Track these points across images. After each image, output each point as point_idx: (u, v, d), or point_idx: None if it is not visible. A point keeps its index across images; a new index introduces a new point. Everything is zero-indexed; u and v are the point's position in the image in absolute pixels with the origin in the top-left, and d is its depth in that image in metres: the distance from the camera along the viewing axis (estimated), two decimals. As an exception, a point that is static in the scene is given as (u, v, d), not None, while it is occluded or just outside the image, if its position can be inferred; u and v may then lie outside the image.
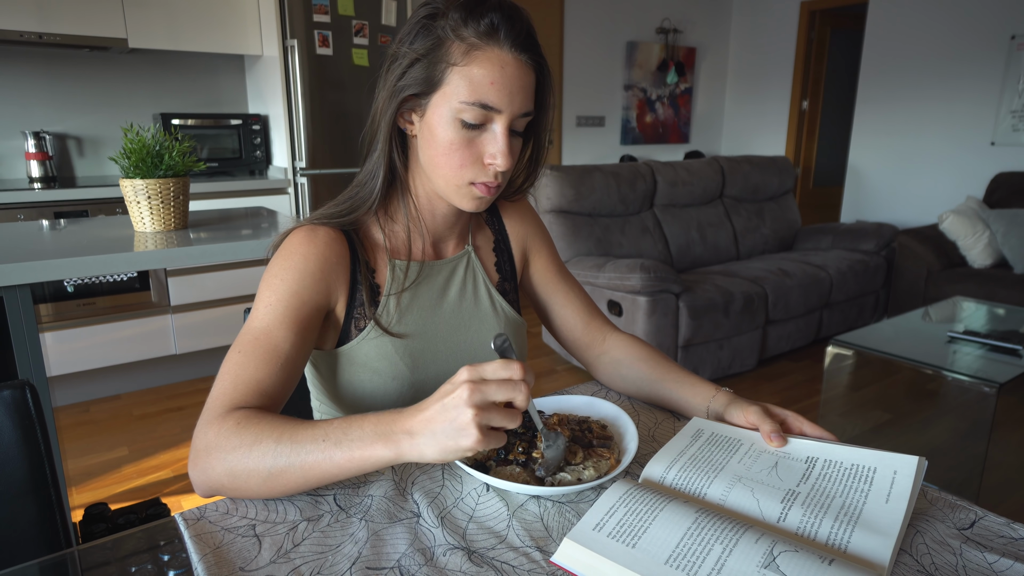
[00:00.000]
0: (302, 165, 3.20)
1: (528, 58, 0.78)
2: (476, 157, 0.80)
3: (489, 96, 0.76)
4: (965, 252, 3.65)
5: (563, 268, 1.07)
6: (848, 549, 0.59)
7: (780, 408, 0.82)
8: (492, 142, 0.79)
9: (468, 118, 0.77)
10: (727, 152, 5.90)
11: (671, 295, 2.82)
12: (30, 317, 1.42)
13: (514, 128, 0.80)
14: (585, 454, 0.75)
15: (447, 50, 0.76)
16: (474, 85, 0.76)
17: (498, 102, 0.77)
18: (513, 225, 1.03)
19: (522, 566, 0.60)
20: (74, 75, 3.10)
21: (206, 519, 0.67)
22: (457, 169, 0.80)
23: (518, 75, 0.77)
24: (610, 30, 5.00)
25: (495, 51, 0.76)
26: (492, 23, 0.75)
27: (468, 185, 0.82)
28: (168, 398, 2.89)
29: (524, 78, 0.78)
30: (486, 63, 0.76)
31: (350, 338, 0.86)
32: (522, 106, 0.79)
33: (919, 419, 2.82)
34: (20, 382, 0.81)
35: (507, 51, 0.76)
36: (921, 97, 4.45)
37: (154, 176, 1.66)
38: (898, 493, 0.64)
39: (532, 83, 0.80)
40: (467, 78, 0.76)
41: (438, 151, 0.80)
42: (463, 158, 0.79)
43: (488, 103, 0.76)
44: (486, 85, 0.76)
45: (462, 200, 0.84)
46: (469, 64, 0.76)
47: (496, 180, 0.82)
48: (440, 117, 0.78)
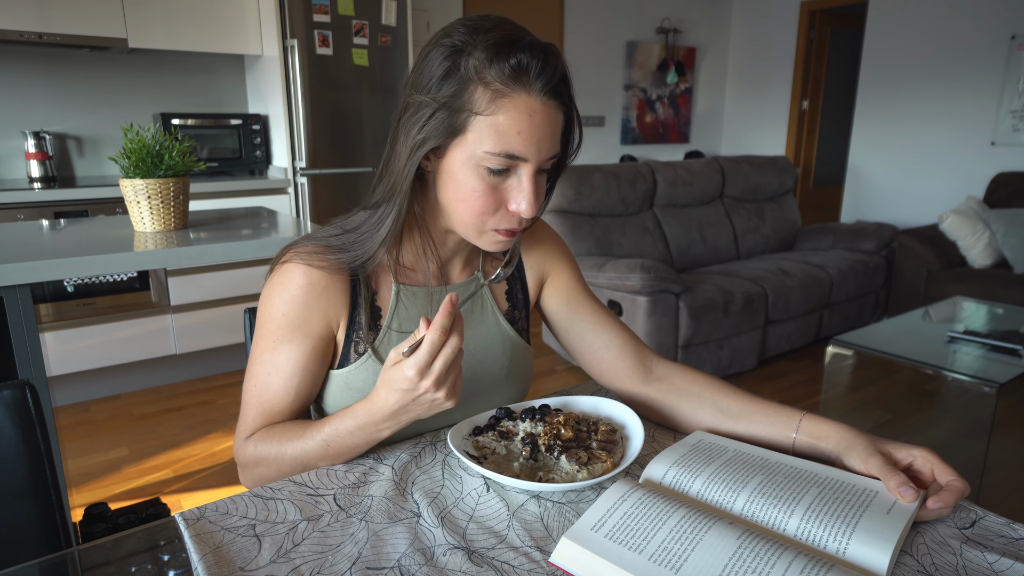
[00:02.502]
0: (302, 165, 3.20)
1: (558, 103, 0.73)
2: (500, 203, 0.75)
3: (515, 146, 0.71)
4: (965, 252, 3.65)
5: (589, 291, 0.99)
6: (846, 555, 0.58)
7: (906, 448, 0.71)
8: (518, 189, 0.75)
9: (493, 166, 0.73)
10: (727, 152, 5.90)
11: (671, 295, 2.82)
12: (30, 317, 1.42)
13: (540, 168, 0.76)
14: (588, 456, 0.75)
15: (471, 96, 0.70)
16: (500, 135, 0.71)
17: (525, 151, 0.72)
18: (529, 250, 0.96)
19: (522, 566, 0.60)
20: (74, 75, 3.10)
21: (206, 519, 0.67)
22: (479, 216, 0.76)
23: (546, 122, 0.72)
24: (610, 30, 5.00)
25: (523, 97, 0.70)
26: (520, 64, 0.69)
27: (491, 231, 0.78)
28: (168, 398, 2.89)
29: (552, 124, 0.73)
30: (513, 111, 0.70)
31: (349, 362, 0.84)
32: (549, 151, 0.74)
33: (919, 419, 2.82)
34: (20, 382, 0.81)
35: (536, 97, 0.71)
36: (921, 97, 4.45)
37: (154, 176, 1.66)
38: (900, 509, 0.63)
39: (560, 126, 0.75)
40: (492, 127, 0.71)
41: (458, 196, 0.76)
42: (486, 205, 0.75)
43: (514, 153, 0.72)
44: (512, 135, 0.71)
45: (483, 242, 0.80)
46: (495, 113, 0.70)
47: (520, 225, 0.78)
48: (462, 164, 0.74)
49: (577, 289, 0.97)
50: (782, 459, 0.74)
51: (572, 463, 0.74)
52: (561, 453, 0.76)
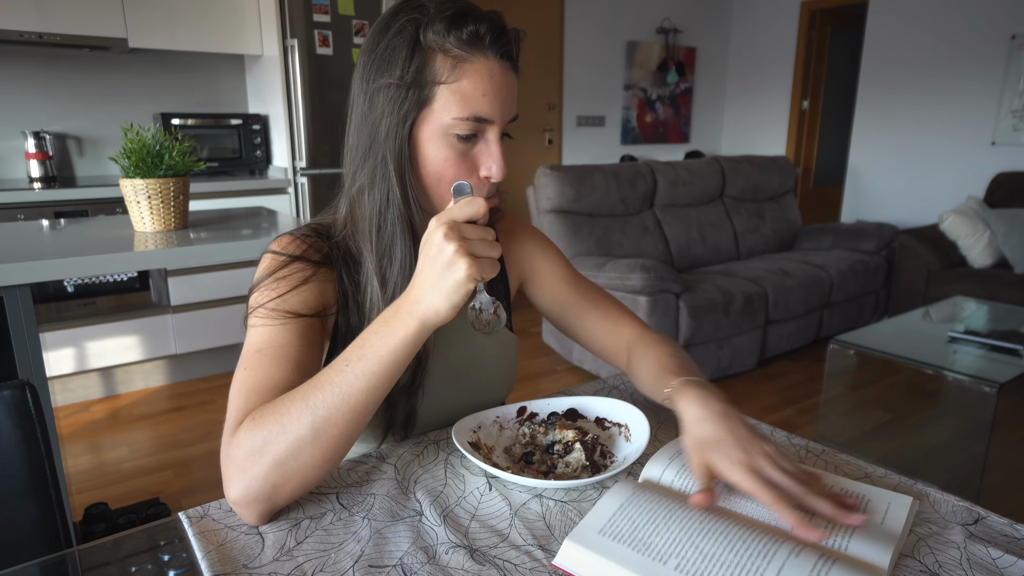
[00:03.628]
0: (302, 165, 3.20)
1: (511, 65, 0.76)
2: (471, 169, 0.76)
3: (482, 108, 0.73)
4: (965, 252, 3.65)
5: (577, 279, 0.99)
6: (848, 551, 0.58)
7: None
8: (486, 154, 0.76)
9: (461, 131, 0.74)
10: (727, 152, 5.91)
11: (671, 295, 2.82)
12: (30, 317, 1.41)
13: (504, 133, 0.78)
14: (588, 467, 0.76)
15: (433, 67, 0.72)
16: (465, 99, 0.72)
17: (491, 113, 0.74)
18: (512, 248, 0.97)
19: (524, 564, 0.60)
20: (74, 75, 3.09)
21: (209, 517, 0.67)
22: (450, 184, 0.76)
23: (505, 83, 0.75)
24: (610, 30, 5.00)
25: (482, 61, 0.73)
26: (478, 32, 0.72)
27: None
28: (168, 398, 2.89)
29: (511, 85, 0.76)
30: (475, 75, 0.72)
31: (337, 349, 0.81)
32: (510, 112, 0.77)
33: (919, 419, 2.82)
34: (20, 382, 0.81)
35: (494, 59, 0.74)
36: (921, 97, 4.45)
37: (154, 176, 1.66)
38: (894, 515, 0.64)
39: (516, 87, 0.78)
40: (457, 93, 0.72)
41: (428, 168, 0.76)
42: (457, 172, 0.76)
43: (482, 115, 0.73)
44: (478, 97, 0.73)
45: None
46: (459, 79, 0.72)
47: (491, 192, 0.79)
48: (430, 136, 0.74)
49: (562, 283, 0.97)
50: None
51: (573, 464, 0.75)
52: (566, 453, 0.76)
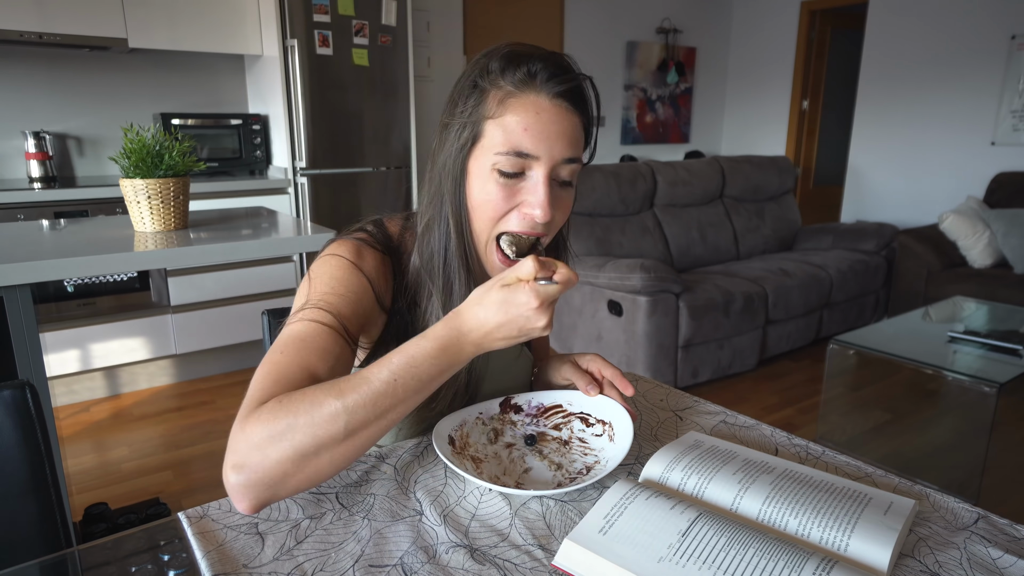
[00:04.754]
0: (302, 165, 3.20)
1: (570, 105, 0.73)
2: (513, 207, 0.74)
3: (523, 143, 0.71)
4: (965, 252, 3.65)
5: None
6: (848, 552, 0.58)
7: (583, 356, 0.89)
8: (531, 191, 0.73)
9: (505, 167, 0.72)
10: (727, 152, 5.91)
11: (671, 295, 2.82)
12: (30, 317, 1.41)
13: (558, 177, 0.75)
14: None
15: (485, 103, 0.73)
16: (507, 133, 0.72)
17: (533, 148, 0.72)
18: None
19: (524, 564, 0.60)
20: (74, 75, 3.09)
21: (209, 517, 0.67)
22: (490, 220, 0.75)
23: (555, 120, 0.72)
24: (610, 30, 5.00)
25: (531, 97, 0.72)
26: (531, 71, 0.72)
27: (495, 240, 0.76)
28: (168, 398, 2.89)
29: (564, 122, 0.73)
30: (520, 109, 0.72)
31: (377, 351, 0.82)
32: (564, 151, 0.73)
33: (919, 419, 2.82)
34: (20, 382, 0.81)
35: (544, 97, 0.72)
36: (921, 97, 4.45)
37: (154, 176, 1.66)
38: (895, 512, 0.63)
39: (576, 128, 0.74)
40: (500, 126, 0.72)
41: (475, 204, 0.75)
42: (497, 208, 0.74)
43: (523, 150, 0.71)
44: (519, 132, 0.71)
45: (488, 258, 0.78)
46: (503, 113, 0.72)
47: (534, 231, 0.75)
48: (478, 171, 0.74)
49: None
50: (779, 461, 0.74)
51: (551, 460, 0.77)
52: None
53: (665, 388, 1.01)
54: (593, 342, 3.04)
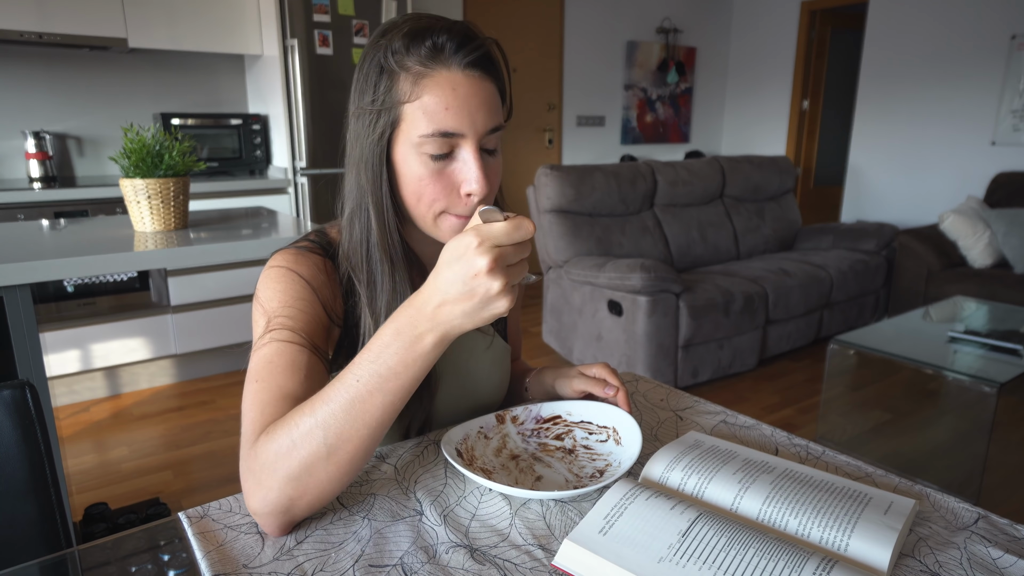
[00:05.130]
0: (302, 165, 3.20)
1: (482, 72, 0.72)
2: (449, 188, 0.73)
3: (447, 122, 0.70)
4: (965, 252, 3.65)
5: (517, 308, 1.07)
6: (848, 551, 0.58)
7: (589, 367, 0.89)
8: (464, 169, 0.73)
9: (432, 150, 0.71)
10: (727, 152, 5.91)
11: (671, 295, 2.82)
12: (30, 317, 1.41)
13: (486, 147, 0.74)
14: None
15: (397, 88, 0.71)
16: (429, 115, 0.70)
17: (458, 125, 0.70)
18: None
19: (524, 564, 0.60)
20: (74, 75, 3.09)
21: (209, 517, 0.67)
22: (429, 204, 0.74)
23: (473, 92, 0.71)
24: (610, 30, 5.00)
25: (443, 73, 0.70)
26: (436, 44, 0.70)
27: (443, 215, 0.75)
28: (168, 398, 2.89)
29: (481, 94, 0.71)
30: (435, 88, 0.70)
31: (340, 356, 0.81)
32: (487, 122, 0.72)
33: (919, 419, 2.82)
34: (20, 382, 0.81)
35: (456, 70, 0.70)
36: (921, 97, 4.45)
37: (154, 176, 1.66)
38: (896, 511, 0.63)
39: (493, 95, 0.73)
40: (420, 110, 0.70)
41: (407, 189, 0.74)
42: (434, 191, 0.73)
43: (448, 130, 0.70)
44: (441, 112, 0.70)
45: (442, 233, 0.77)
46: (420, 95, 0.70)
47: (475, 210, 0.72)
48: (404, 157, 0.73)
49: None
50: (779, 461, 0.74)
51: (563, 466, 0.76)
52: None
53: (665, 388, 1.01)
54: (593, 342, 3.04)
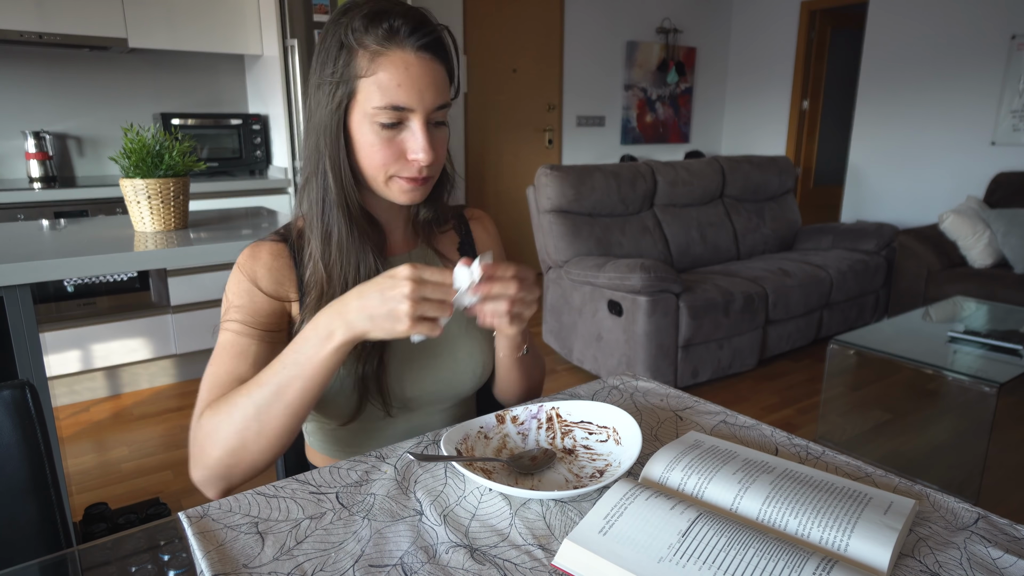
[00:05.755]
0: (302, 165, 3.20)
1: (432, 55, 0.79)
2: (398, 154, 0.81)
3: (399, 98, 0.78)
4: (965, 252, 3.65)
5: None
6: (848, 551, 0.58)
7: None
8: (412, 139, 0.80)
9: (383, 120, 0.79)
10: (727, 152, 5.91)
11: (671, 295, 2.82)
12: (30, 317, 1.41)
13: (434, 120, 0.82)
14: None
15: (355, 63, 0.78)
16: (383, 90, 0.77)
17: (409, 101, 0.78)
18: (478, 232, 1.03)
19: (524, 564, 0.60)
20: (74, 75, 3.09)
21: (209, 517, 0.67)
22: (380, 167, 0.82)
23: (424, 72, 0.79)
24: (610, 30, 5.00)
25: (398, 53, 0.77)
26: (392, 27, 0.77)
27: (393, 178, 0.83)
28: (168, 398, 2.89)
29: (432, 74, 0.79)
30: (390, 66, 0.77)
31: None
32: (435, 100, 0.80)
33: (919, 419, 2.82)
34: (20, 382, 0.81)
35: (410, 52, 0.78)
36: (921, 97, 4.45)
37: (154, 176, 1.65)
38: (896, 511, 0.63)
39: (442, 76, 0.81)
40: (375, 84, 0.77)
41: (361, 154, 0.82)
42: (385, 156, 0.81)
43: (399, 104, 0.78)
44: (393, 87, 0.77)
45: (392, 193, 0.84)
46: (376, 71, 0.77)
47: (421, 174, 0.82)
48: (359, 124, 0.80)
49: None
50: (779, 461, 0.74)
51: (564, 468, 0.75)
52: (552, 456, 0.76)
53: (665, 388, 1.01)
54: (593, 342, 3.04)
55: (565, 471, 0.77)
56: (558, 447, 0.82)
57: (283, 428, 0.74)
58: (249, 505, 0.69)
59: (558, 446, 0.83)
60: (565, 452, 0.81)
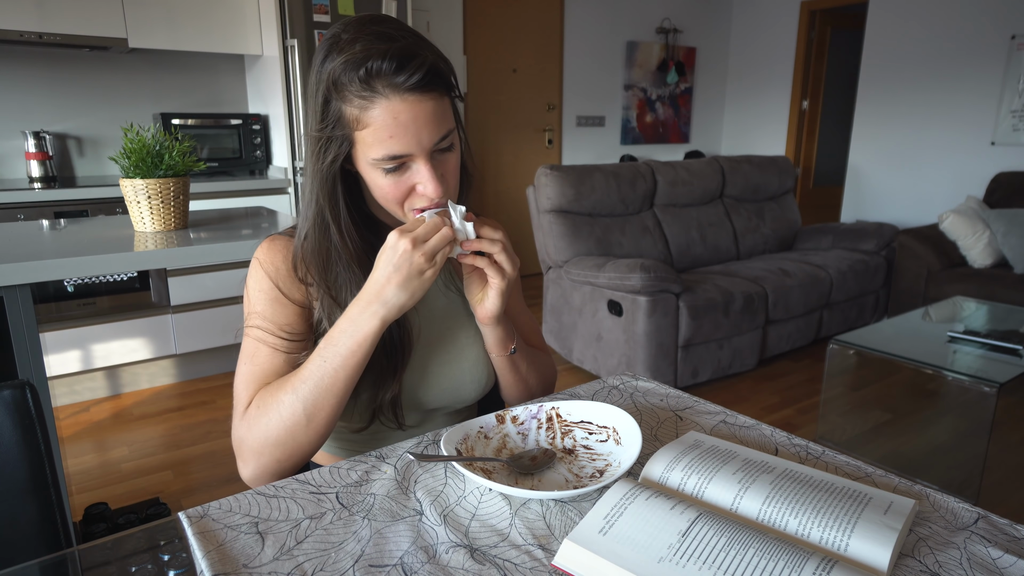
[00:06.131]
0: (302, 165, 3.20)
1: (422, 93, 0.73)
2: (409, 190, 0.80)
3: (393, 148, 0.75)
4: (965, 252, 3.65)
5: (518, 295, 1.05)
6: (848, 551, 0.58)
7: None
8: (418, 176, 0.78)
9: (387, 167, 0.77)
10: (727, 152, 5.91)
11: (671, 295, 2.82)
12: (30, 317, 1.41)
13: (440, 149, 0.79)
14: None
15: (344, 118, 0.75)
16: (377, 144, 0.75)
17: (403, 149, 0.75)
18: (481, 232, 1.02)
19: (524, 564, 0.60)
20: (74, 75, 3.09)
21: (209, 517, 0.67)
22: (395, 204, 0.81)
23: (414, 116, 0.73)
24: (610, 30, 5.00)
25: (382, 103, 0.72)
26: (370, 73, 0.71)
27: (412, 211, 0.82)
28: (168, 398, 2.89)
29: (424, 114, 0.74)
30: (378, 119, 0.73)
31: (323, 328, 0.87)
32: (433, 136, 0.76)
33: (919, 419, 2.82)
34: (20, 382, 0.81)
35: (395, 99, 0.72)
36: (921, 97, 4.45)
37: (154, 176, 1.65)
38: (896, 511, 0.63)
39: (436, 107, 0.75)
40: (369, 138, 0.75)
41: (375, 193, 0.81)
42: (396, 195, 0.80)
43: (395, 154, 0.75)
44: (386, 140, 0.74)
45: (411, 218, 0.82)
46: (365, 126, 0.74)
47: (434, 204, 0.81)
48: (365, 169, 0.80)
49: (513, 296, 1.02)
50: (779, 461, 0.74)
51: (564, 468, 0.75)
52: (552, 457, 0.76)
53: (665, 388, 1.01)
54: (593, 342, 3.04)
55: (565, 471, 0.77)
56: (558, 447, 0.82)
57: (330, 417, 0.79)
58: (249, 505, 0.69)
59: (558, 446, 0.82)
60: (565, 452, 0.81)
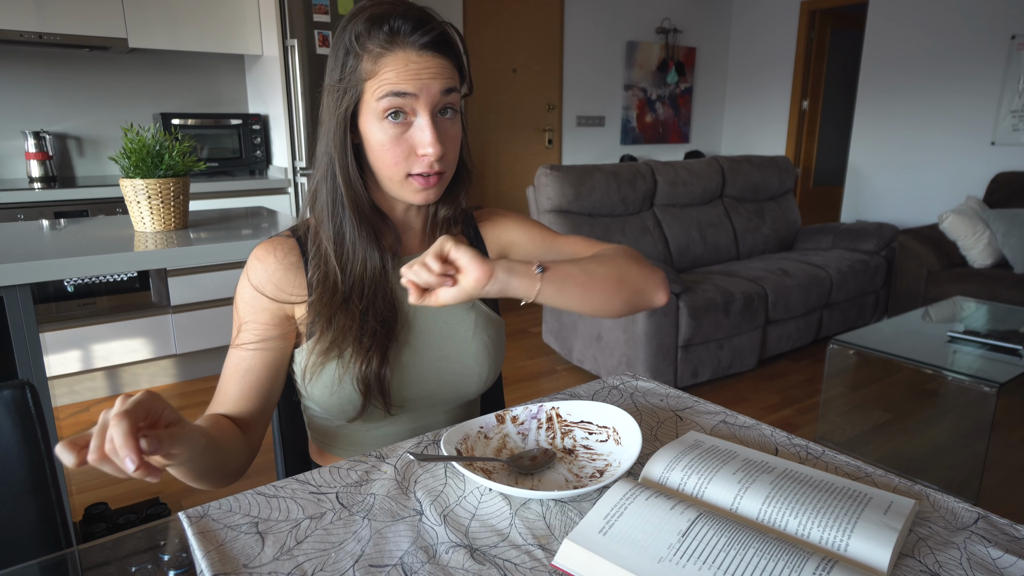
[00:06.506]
0: (302, 165, 3.20)
1: (436, 52, 0.78)
2: (409, 150, 0.80)
3: (399, 85, 0.77)
4: (965, 252, 3.65)
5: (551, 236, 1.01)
6: (848, 551, 0.58)
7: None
8: (419, 133, 0.80)
9: (387, 105, 0.78)
10: (727, 152, 5.91)
11: (671, 295, 2.82)
12: (30, 317, 1.41)
13: (445, 107, 0.81)
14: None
15: (361, 67, 0.78)
16: (385, 85, 0.77)
17: (409, 87, 0.77)
18: (488, 230, 1.01)
19: (524, 564, 0.60)
20: (74, 75, 3.09)
21: (209, 517, 0.67)
22: (393, 166, 0.81)
23: (427, 65, 0.78)
24: (610, 30, 5.00)
25: (400, 54, 0.77)
26: (392, 28, 0.77)
27: (407, 178, 0.82)
28: (168, 398, 2.89)
29: (435, 67, 0.78)
30: (392, 66, 0.77)
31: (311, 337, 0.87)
32: (441, 86, 0.79)
33: (919, 419, 2.82)
34: (20, 382, 0.81)
35: (411, 51, 0.77)
36: (921, 97, 4.45)
37: (154, 176, 1.65)
38: (896, 511, 0.63)
39: (446, 68, 0.80)
40: (378, 82, 0.78)
41: (374, 155, 0.82)
42: (395, 154, 0.80)
43: (400, 90, 0.77)
44: (394, 81, 0.77)
45: (407, 194, 0.84)
46: (379, 72, 0.78)
47: (432, 169, 0.81)
48: (368, 125, 0.81)
49: (537, 243, 1.00)
50: (779, 461, 0.74)
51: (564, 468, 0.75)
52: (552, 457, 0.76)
53: (665, 388, 1.01)
54: (593, 342, 3.04)
55: (565, 471, 0.77)
56: (558, 447, 0.82)
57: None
58: (249, 505, 0.69)
59: (558, 446, 0.82)
60: (565, 452, 0.81)
